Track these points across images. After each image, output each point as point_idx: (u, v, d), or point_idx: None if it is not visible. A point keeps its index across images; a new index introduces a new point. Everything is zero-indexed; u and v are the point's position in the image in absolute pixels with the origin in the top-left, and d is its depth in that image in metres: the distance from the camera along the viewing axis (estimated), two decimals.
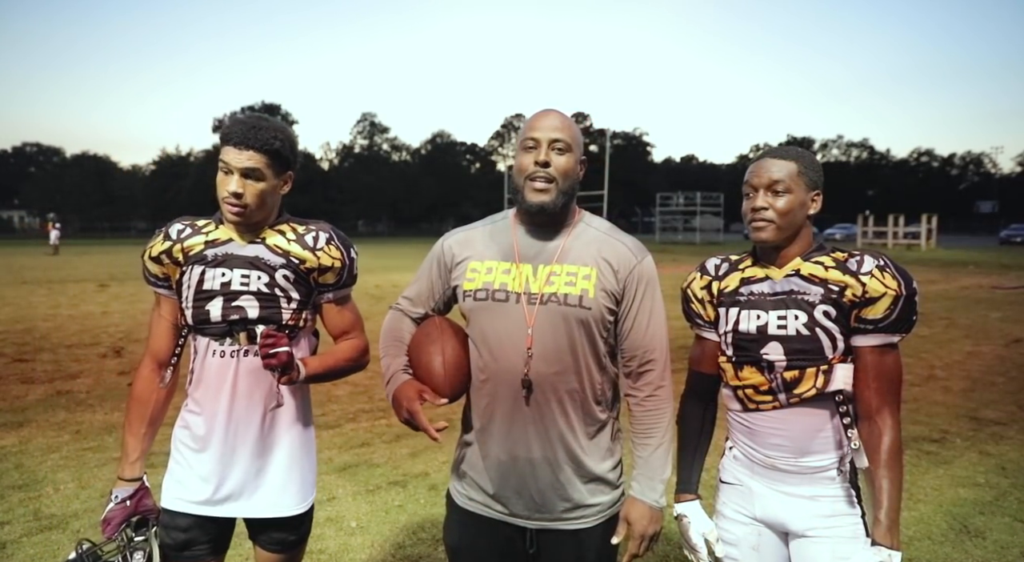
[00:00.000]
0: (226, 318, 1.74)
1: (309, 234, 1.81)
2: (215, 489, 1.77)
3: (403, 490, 3.99)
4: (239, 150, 1.69)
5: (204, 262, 1.75)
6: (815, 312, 1.59)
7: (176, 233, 1.78)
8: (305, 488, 1.92)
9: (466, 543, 1.77)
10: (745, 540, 1.74)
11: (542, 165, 1.63)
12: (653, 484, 1.66)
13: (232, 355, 1.75)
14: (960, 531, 3.46)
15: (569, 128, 1.67)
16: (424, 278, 1.83)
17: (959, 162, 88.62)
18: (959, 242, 42.38)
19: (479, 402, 1.71)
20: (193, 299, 1.75)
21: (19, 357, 7.68)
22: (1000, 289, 15.49)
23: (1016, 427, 5.20)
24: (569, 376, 1.64)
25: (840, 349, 1.59)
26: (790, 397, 1.62)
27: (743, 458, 1.74)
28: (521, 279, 1.66)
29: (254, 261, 1.76)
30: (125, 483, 1.78)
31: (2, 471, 4.21)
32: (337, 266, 1.83)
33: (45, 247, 32.47)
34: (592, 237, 1.71)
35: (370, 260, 27.44)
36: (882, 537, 1.53)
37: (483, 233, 1.78)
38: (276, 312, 1.76)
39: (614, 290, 1.66)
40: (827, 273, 1.60)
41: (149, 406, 1.82)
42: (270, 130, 1.72)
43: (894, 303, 1.54)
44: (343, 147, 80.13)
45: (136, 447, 1.80)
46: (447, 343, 1.70)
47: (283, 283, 1.77)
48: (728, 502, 1.78)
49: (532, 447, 1.65)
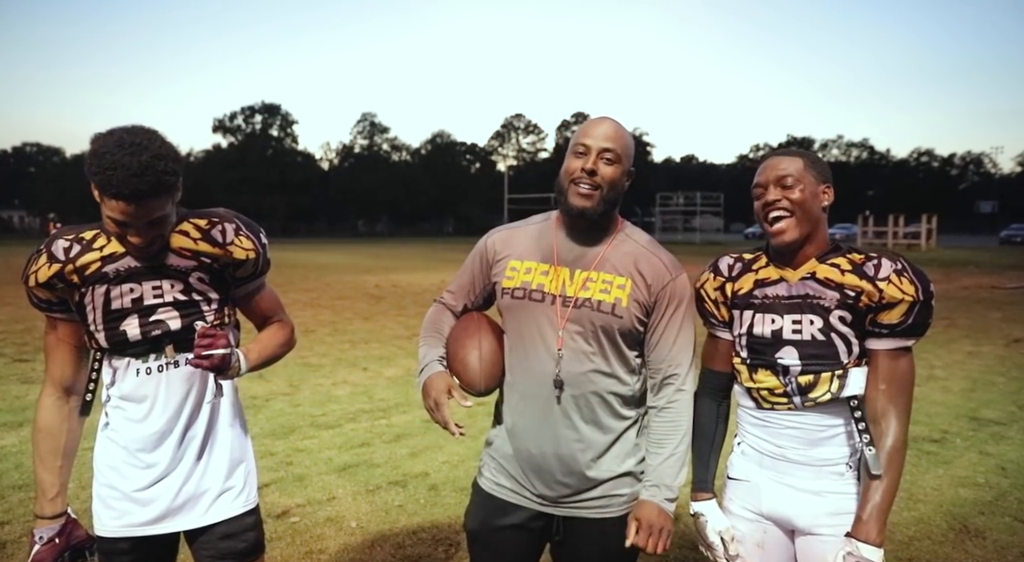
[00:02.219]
0: (147, 336, 1.61)
1: (215, 229, 1.65)
2: (153, 507, 1.67)
3: (403, 490, 3.99)
4: (130, 204, 1.46)
5: (106, 280, 1.58)
6: (831, 317, 1.59)
7: (63, 252, 1.57)
8: (249, 487, 1.79)
9: (489, 527, 1.81)
10: (750, 537, 1.74)
11: (589, 173, 1.64)
12: (661, 491, 1.68)
13: (160, 370, 1.65)
14: (960, 531, 3.46)
15: (621, 138, 1.68)
16: (467, 273, 1.88)
17: (959, 162, 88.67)
18: (959, 242, 42.37)
19: (511, 398, 1.77)
20: (103, 321, 1.60)
21: (19, 357, 7.68)
22: (1000, 289, 15.50)
23: (1016, 427, 5.20)
24: (598, 378, 1.68)
25: (855, 353, 1.59)
26: (805, 401, 1.62)
27: (752, 452, 1.74)
28: (558, 281, 1.70)
29: (162, 269, 1.61)
30: (48, 521, 1.65)
31: (2, 471, 4.21)
32: (251, 257, 1.69)
33: None
34: (631, 249, 1.73)
35: (370, 260, 27.43)
36: (857, 530, 1.53)
37: (526, 233, 1.81)
38: (198, 317, 1.66)
39: (646, 302, 1.69)
40: (843, 277, 1.59)
41: (61, 437, 1.67)
42: (153, 168, 1.46)
43: (910, 309, 1.54)
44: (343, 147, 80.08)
45: (54, 483, 1.66)
46: (484, 338, 1.75)
47: (199, 286, 1.65)
48: (735, 498, 1.78)
49: (560, 444, 1.70)
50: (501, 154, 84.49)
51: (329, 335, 9.27)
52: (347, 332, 9.55)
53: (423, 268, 21.86)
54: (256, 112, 71.24)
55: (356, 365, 7.38)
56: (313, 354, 7.92)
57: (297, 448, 4.65)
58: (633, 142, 1.74)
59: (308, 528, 3.47)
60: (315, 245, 43.27)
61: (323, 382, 6.61)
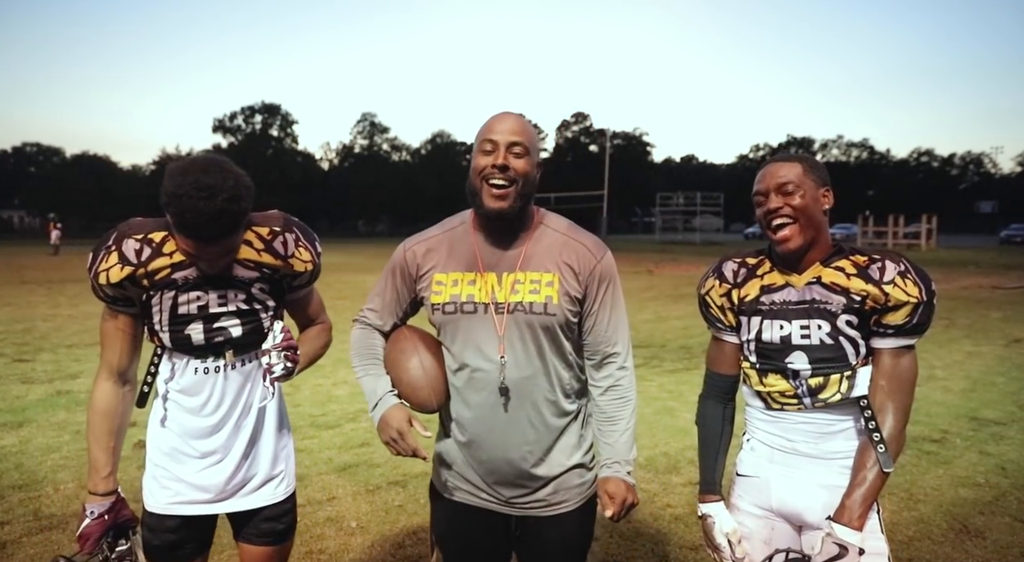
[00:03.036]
0: (210, 341, 1.70)
1: (276, 240, 1.72)
2: (205, 489, 1.77)
3: (403, 490, 3.99)
4: (203, 244, 1.55)
5: (175, 286, 1.65)
6: (838, 321, 1.60)
7: (135, 255, 1.62)
8: (289, 475, 1.92)
9: (455, 530, 1.84)
10: (757, 533, 1.75)
11: (501, 169, 1.63)
12: (622, 464, 1.73)
13: (217, 370, 1.74)
14: (960, 531, 3.46)
15: (527, 131, 1.68)
16: (388, 289, 1.83)
17: (959, 162, 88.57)
18: (959, 242, 42.37)
19: (456, 409, 1.75)
20: (169, 324, 1.68)
21: (19, 357, 7.69)
22: (1000, 289, 15.50)
23: (1016, 427, 5.20)
24: (540, 379, 1.69)
25: (863, 354, 1.61)
26: (815, 401, 1.64)
27: (762, 448, 1.75)
28: (487, 289, 1.69)
29: (228, 279, 1.69)
30: (99, 498, 1.72)
31: (2, 471, 4.21)
32: (309, 269, 1.80)
33: (45, 247, 32.49)
34: (552, 240, 1.72)
35: (370, 260, 27.41)
36: (839, 514, 1.55)
37: (443, 241, 1.77)
38: (257, 324, 1.75)
39: (576, 293, 1.69)
40: (849, 281, 1.60)
41: (115, 419, 1.75)
42: (228, 211, 1.51)
43: (915, 309, 1.56)
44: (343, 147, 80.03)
45: (107, 461, 1.73)
46: (424, 356, 1.74)
47: (259, 295, 1.74)
48: (744, 495, 1.79)
49: (510, 448, 1.71)
50: None
51: None
52: (347, 332, 9.53)
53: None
54: (256, 112, 71.23)
55: None
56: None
57: (297, 448, 4.63)
58: (536, 135, 1.73)
59: (308, 528, 3.47)
60: None
61: (323, 382, 6.61)
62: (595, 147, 74.47)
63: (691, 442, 4.74)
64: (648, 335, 9.38)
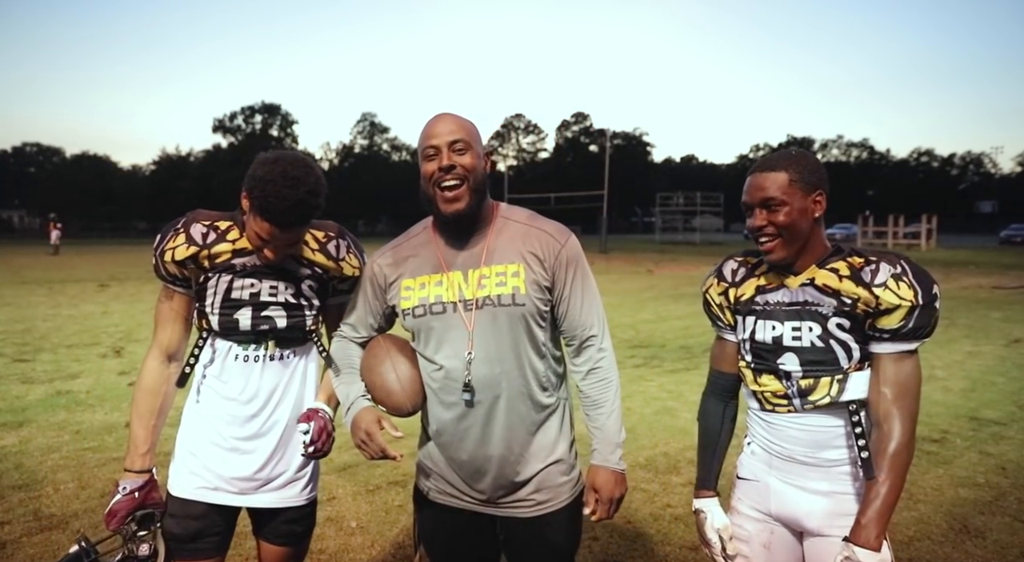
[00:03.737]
0: (255, 328, 1.77)
1: (331, 243, 1.84)
2: (232, 480, 1.80)
3: (403, 490, 3.99)
4: (278, 229, 1.65)
5: (232, 271, 1.74)
6: (828, 324, 1.58)
7: (201, 237, 1.72)
8: (312, 479, 1.95)
9: (440, 532, 1.84)
10: (757, 537, 1.74)
11: (447, 170, 1.63)
12: (612, 449, 1.74)
13: (256, 359, 1.80)
14: (960, 531, 3.46)
15: (464, 127, 1.68)
16: (361, 302, 1.85)
17: (959, 162, 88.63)
18: (959, 242, 42.37)
19: (433, 409, 1.76)
20: (220, 307, 1.75)
21: (19, 357, 7.68)
22: (1000, 289, 15.50)
23: (1016, 427, 5.20)
24: (512, 373, 1.68)
25: (856, 358, 1.58)
26: (804, 403, 1.62)
27: (761, 453, 1.74)
28: (454, 288, 1.69)
29: (282, 272, 1.78)
30: (134, 475, 1.77)
31: (2, 471, 4.21)
32: (356, 274, 1.87)
33: (45, 247, 32.48)
34: (513, 232, 1.73)
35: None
36: (855, 534, 1.51)
37: (407, 248, 1.80)
38: (301, 320, 1.82)
39: (544, 281, 1.69)
40: (840, 284, 1.57)
41: (159, 397, 1.81)
42: (307, 203, 1.64)
43: (909, 314, 1.51)
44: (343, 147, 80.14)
45: (147, 438, 1.79)
46: (396, 360, 1.76)
47: (307, 292, 1.82)
48: (744, 498, 1.78)
49: (488, 445, 1.70)
50: (501, 154, 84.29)
51: None
52: None
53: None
54: (256, 112, 71.36)
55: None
56: None
57: None
58: (476, 127, 1.73)
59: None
60: None
61: None
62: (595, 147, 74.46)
63: (691, 442, 4.74)
64: (648, 335, 9.37)
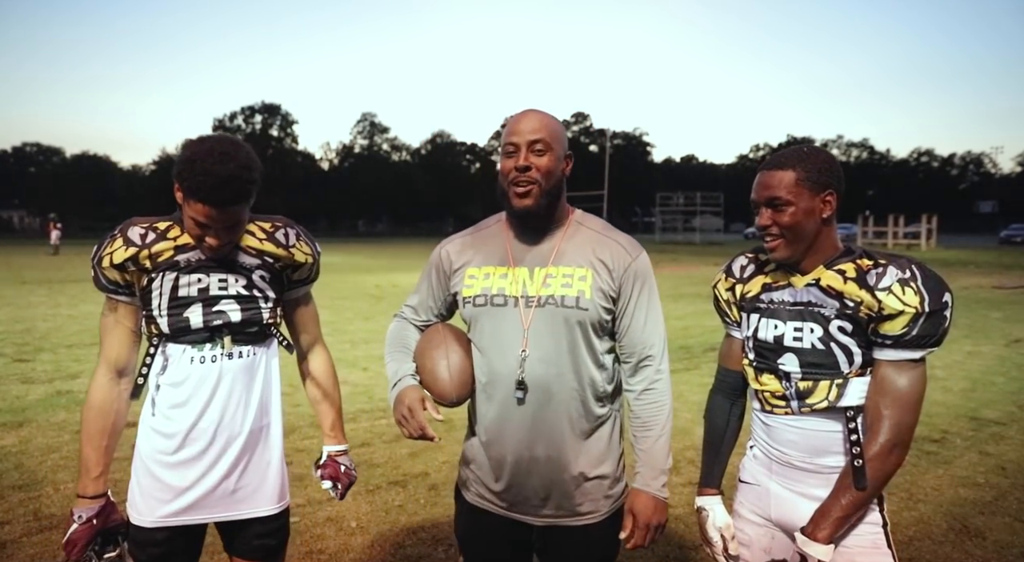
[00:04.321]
0: (208, 324, 1.68)
1: (279, 231, 1.78)
2: (196, 497, 1.71)
3: (403, 490, 3.99)
4: (213, 209, 1.56)
5: (177, 268, 1.66)
6: (830, 327, 1.55)
7: (139, 238, 1.65)
8: (282, 487, 1.86)
9: (476, 536, 1.82)
10: (758, 542, 1.73)
11: (523, 170, 1.62)
12: (655, 475, 1.69)
13: (213, 360, 1.70)
14: (960, 531, 3.46)
15: (548, 127, 1.65)
16: (425, 287, 1.86)
17: (959, 162, 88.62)
18: (959, 242, 42.34)
19: (481, 405, 1.74)
20: (168, 307, 1.67)
21: (19, 357, 7.68)
22: (1000, 289, 15.49)
23: (1016, 427, 5.20)
24: (568, 376, 1.65)
25: (858, 363, 1.55)
26: (802, 406, 1.60)
27: (762, 457, 1.73)
28: (518, 283, 1.68)
29: (229, 264, 1.71)
30: (88, 501, 1.69)
31: (2, 471, 4.20)
32: (309, 262, 1.82)
33: (45, 247, 32.43)
34: (586, 237, 1.71)
35: (370, 260, 27.41)
36: (808, 525, 1.53)
37: (477, 239, 1.80)
38: (256, 313, 1.74)
39: (610, 290, 1.67)
40: (844, 286, 1.54)
41: (110, 416, 1.71)
42: (239, 178, 1.57)
43: (913, 321, 1.46)
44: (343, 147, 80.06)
45: (99, 461, 1.70)
46: (451, 348, 1.73)
47: (260, 283, 1.75)
48: (744, 502, 1.78)
49: (534, 447, 1.67)
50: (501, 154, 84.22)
51: (329, 335, 9.20)
52: (347, 332, 9.54)
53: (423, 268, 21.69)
54: (256, 112, 71.26)
55: (356, 365, 7.38)
56: None
57: (297, 448, 4.65)
58: (562, 127, 1.71)
59: (308, 528, 3.47)
60: None
61: None
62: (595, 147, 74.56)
63: (691, 442, 4.74)
64: None
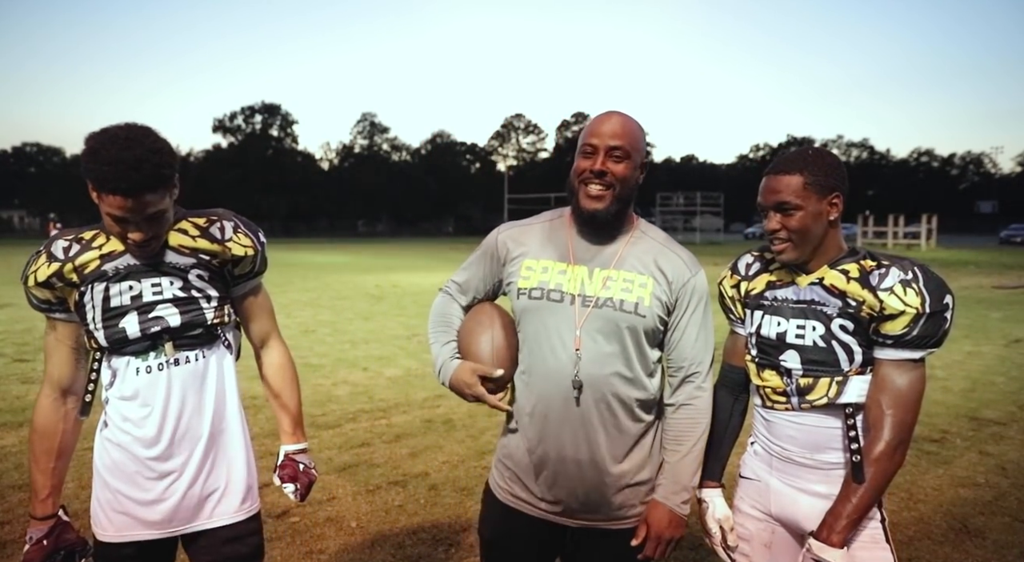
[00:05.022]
0: (146, 332, 1.60)
1: (213, 226, 1.67)
2: (156, 510, 1.66)
3: (403, 490, 3.99)
4: (127, 198, 1.47)
5: (105, 278, 1.58)
6: (832, 325, 1.58)
7: (63, 252, 1.58)
8: (251, 493, 1.78)
9: (504, 537, 1.80)
10: (758, 536, 1.75)
11: (598, 175, 1.61)
12: (677, 490, 1.68)
13: (160, 368, 1.63)
14: (960, 531, 3.46)
15: (630, 134, 1.64)
16: (476, 268, 1.84)
17: (959, 162, 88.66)
18: (959, 242, 42.36)
19: (527, 401, 1.71)
20: (102, 319, 1.60)
21: (19, 357, 7.68)
22: (1000, 289, 15.50)
23: (1016, 427, 5.20)
24: (618, 380, 1.65)
25: (858, 362, 1.57)
26: (802, 402, 1.62)
27: (763, 453, 1.75)
28: (576, 281, 1.67)
29: (161, 267, 1.62)
30: (38, 522, 1.66)
31: (2, 471, 4.21)
32: (250, 254, 1.71)
33: None
34: (648, 246, 1.71)
35: (370, 260, 27.43)
36: (819, 530, 1.53)
37: (538, 230, 1.78)
38: (199, 314, 1.65)
39: (667, 301, 1.67)
40: (847, 285, 1.57)
41: (56, 438, 1.67)
42: (149, 161, 1.47)
43: (914, 321, 1.49)
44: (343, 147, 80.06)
45: (46, 484, 1.67)
46: (497, 331, 1.72)
47: (198, 283, 1.66)
48: (745, 497, 1.79)
49: (580, 448, 1.66)
50: (501, 154, 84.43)
51: (329, 335, 9.27)
52: (347, 332, 9.54)
53: (423, 268, 21.81)
54: (256, 112, 71.21)
55: (356, 365, 7.38)
56: (313, 354, 7.91)
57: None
58: (643, 133, 1.69)
59: (308, 528, 3.47)
60: (315, 245, 43.26)
61: (323, 382, 6.60)
62: None
63: None
64: None
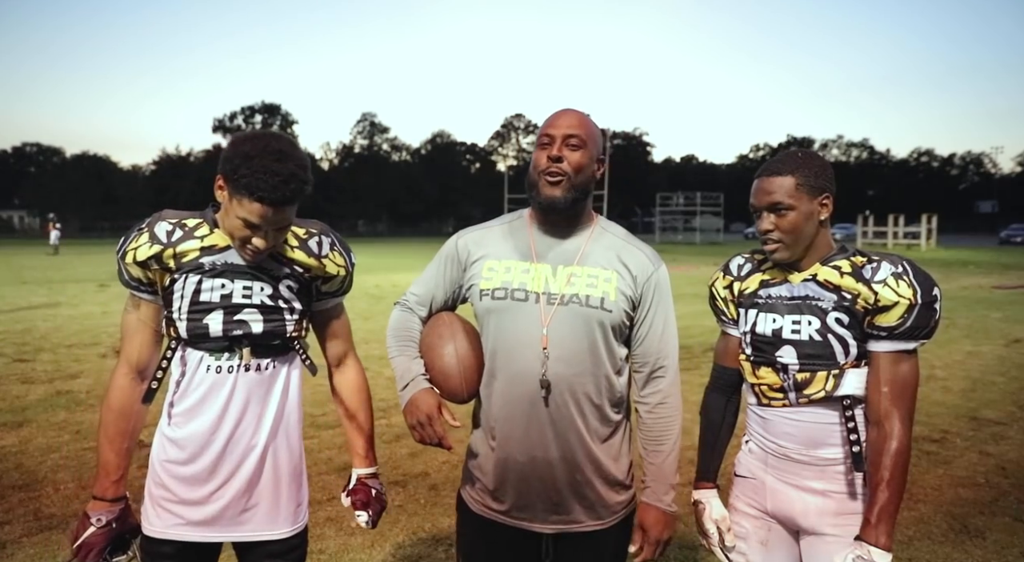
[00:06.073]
0: (227, 333, 1.59)
1: (312, 239, 1.68)
2: (207, 512, 1.64)
3: (403, 490, 3.99)
4: (270, 208, 1.49)
5: (201, 271, 1.58)
6: (827, 319, 1.61)
7: (166, 235, 1.57)
8: (300, 509, 1.78)
9: (481, 550, 1.77)
10: (754, 534, 1.76)
11: (555, 160, 1.62)
12: (666, 490, 1.69)
13: (230, 370, 1.62)
14: (960, 531, 3.46)
15: (585, 126, 1.66)
16: (435, 276, 1.81)
17: (959, 162, 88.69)
18: (959, 242, 42.37)
19: (494, 404, 1.69)
20: (188, 311, 1.58)
21: (19, 357, 7.68)
22: (1000, 289, 15.49)
23: (1016, 427, 5.20)
24: (587, 378, 1.64)
25: (853, 355, 1.60)
26: (799, 397, 1.64)
27: (758, 451, 1.76)
28: (540, 279, 1.66)
29: (257, 271, 1.62)
30: (107, 504, 1.62)
31: (2, 471, 4.20)
32: (341, 274, 1.73)
33: (45, 247, 32.43)
34: (610, 242, 1.72)
35: (370, 260, 27.44)
36: (866, 533, 1.53)
37: (499, 232, 1.78)
38: (280, 325, 1.65)
39: (632, 295, 1.67)
40: (841, 280, 1.60)
41: (131, 419, 1.65)
42: (297, 177, 1.51)
43: (908, 312, 1.53)
44: (343, 147, 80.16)
45: (119, 464, 1.63)
46: (460, 343, 1.69)
47: (287, 294, 1.65)
48: (741, 495, 1.80)
49: (550, 448, 1.65)
50: (501, 154, 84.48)
51: None
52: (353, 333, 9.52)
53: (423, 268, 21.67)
54: (256, 112, 71.36)
55: None
56: (313, 354, 7.90)
57: None
58: (599, 131, 1.71)
59: (308, 528, 3.47)
60: None
61: (323, 382, 6.55)
62: None
63: (691, 442, 4.72)
64: None
